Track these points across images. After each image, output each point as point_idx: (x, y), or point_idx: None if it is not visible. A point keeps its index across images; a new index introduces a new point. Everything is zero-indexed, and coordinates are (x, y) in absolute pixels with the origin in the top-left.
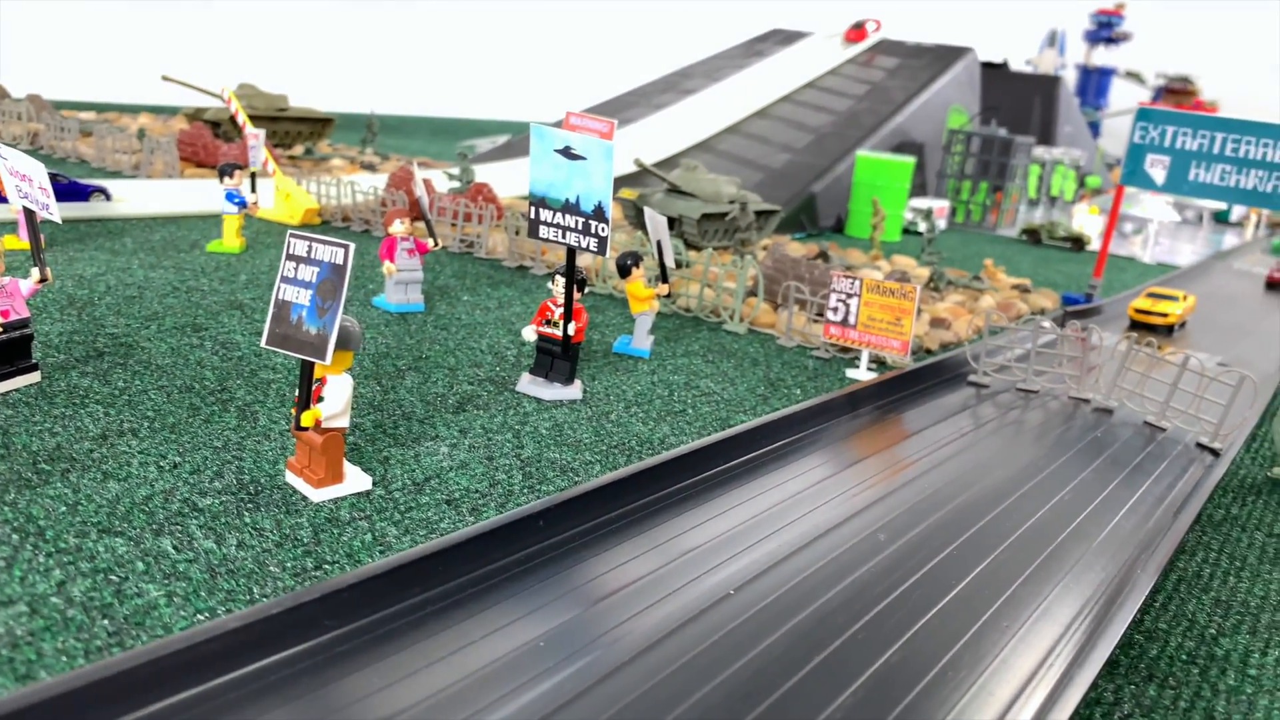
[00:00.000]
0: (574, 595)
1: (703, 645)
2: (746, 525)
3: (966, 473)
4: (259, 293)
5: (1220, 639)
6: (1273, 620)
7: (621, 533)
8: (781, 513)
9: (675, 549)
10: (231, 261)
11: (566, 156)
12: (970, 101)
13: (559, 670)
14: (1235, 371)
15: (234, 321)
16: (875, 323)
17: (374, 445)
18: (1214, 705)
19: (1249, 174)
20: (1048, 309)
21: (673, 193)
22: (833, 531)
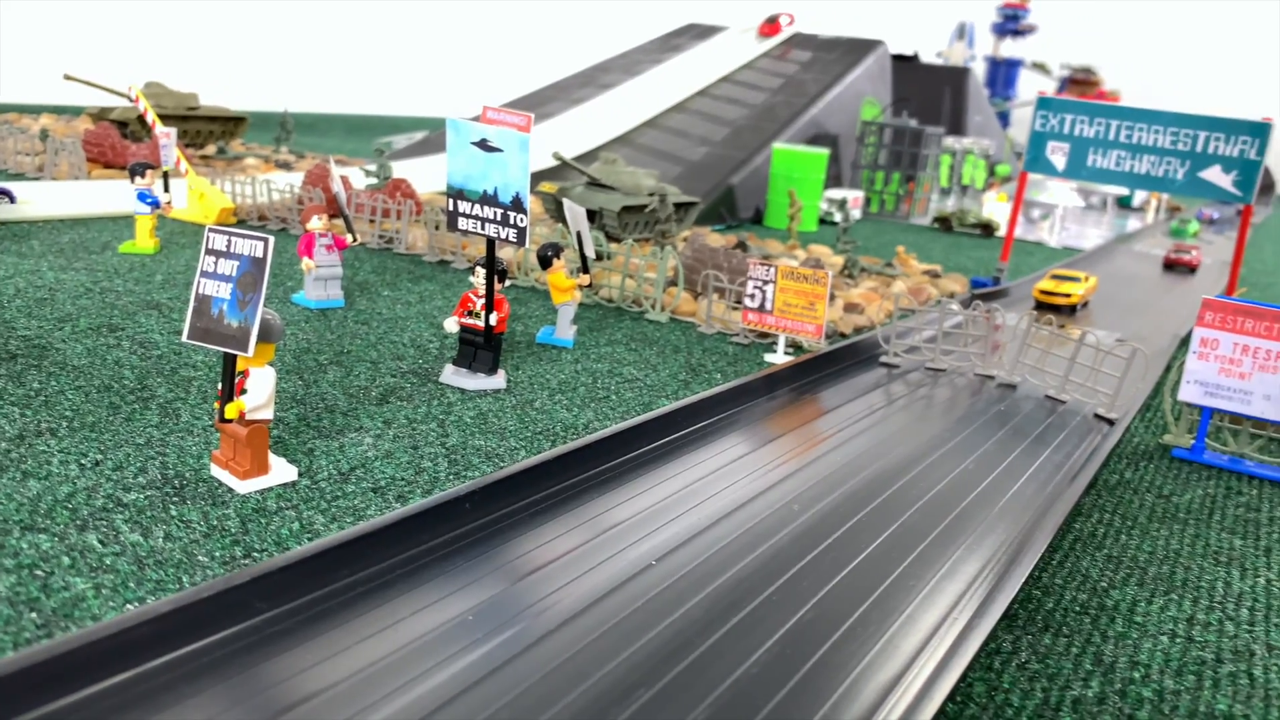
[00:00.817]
0: (502, 572)
1: (625, 612)
2: (668, 501)
3: (876, 446)
4: (176, 292)
5: (1111, 591)
6: (1159, 573)
7: (548, 512)
8: (701, 488)
9: (600, 525)
10: (146, 262)
11: (483, 149)
12: (882, 93)
13: (488, 640)
14: (1129, 346)
15: (151, 321)
16: (790, 308)
17: (298, 438)
18: (1103, 650)
19: (1142, 159)
20: (957, 292)
21: (593, 186)
22: (749, 504)
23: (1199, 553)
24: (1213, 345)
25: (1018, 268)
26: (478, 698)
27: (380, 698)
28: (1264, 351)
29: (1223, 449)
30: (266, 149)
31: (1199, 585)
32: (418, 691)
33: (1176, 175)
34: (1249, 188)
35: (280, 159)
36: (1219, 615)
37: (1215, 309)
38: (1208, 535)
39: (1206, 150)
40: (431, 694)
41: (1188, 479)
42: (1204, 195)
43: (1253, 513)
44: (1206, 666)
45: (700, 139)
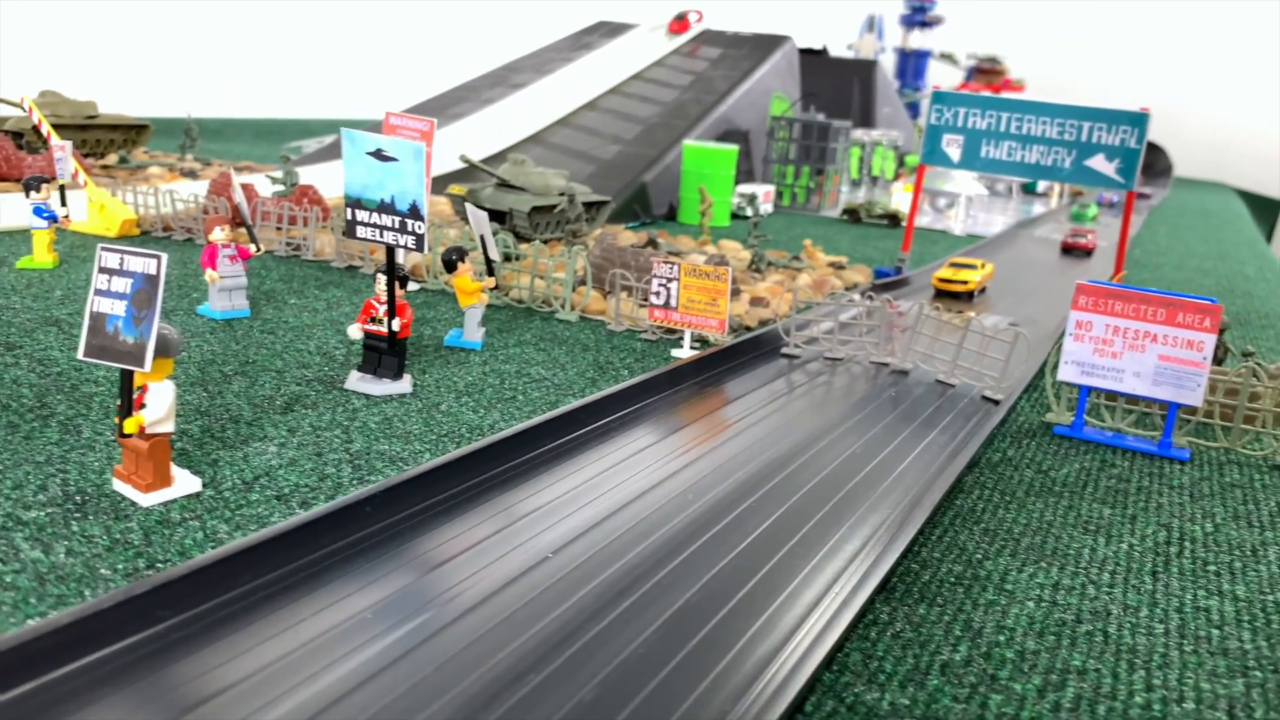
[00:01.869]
0: (404, 569)
1: (521, 603)
2: (569, 495)
3: (773, 433)
4: (76, 308)
5: (985, 562)
6: (1031, 543)
7: (450, 511)
8: (602, 481)
9: (501, 521)
10: (44, 278)
11: (378, 159)
12: (791, 88)
13: (387, 635)
14: (1012, 330)
15: (50, 338)
16: (694, 304)
17: (202, 449)
18: (972, 616)
19: (1032, 149)
20: (860, 283)
21: (502, 187)
22: (647, 494)
23: (1070, 523)
24: (1087, 327)
25: (921, 257)
26: (375, 689)
27: (281, 693)
28: (1133, 331)
29: (1100, 425)
30: (171, 157)
31: (1067, 553)
32: (318, 686)
33: (1064, 164)
34: (1130, 174)
35: (185, 167)
36: (1082, 580)
37: (1088, 293)
38: (1079, 506)
39: (1091, 140)
40: (330, 687)
41: (1066, 454)
42: (1090, 183)
43: (1123, 483)
44: (1066, 627)
45: (612, 137)
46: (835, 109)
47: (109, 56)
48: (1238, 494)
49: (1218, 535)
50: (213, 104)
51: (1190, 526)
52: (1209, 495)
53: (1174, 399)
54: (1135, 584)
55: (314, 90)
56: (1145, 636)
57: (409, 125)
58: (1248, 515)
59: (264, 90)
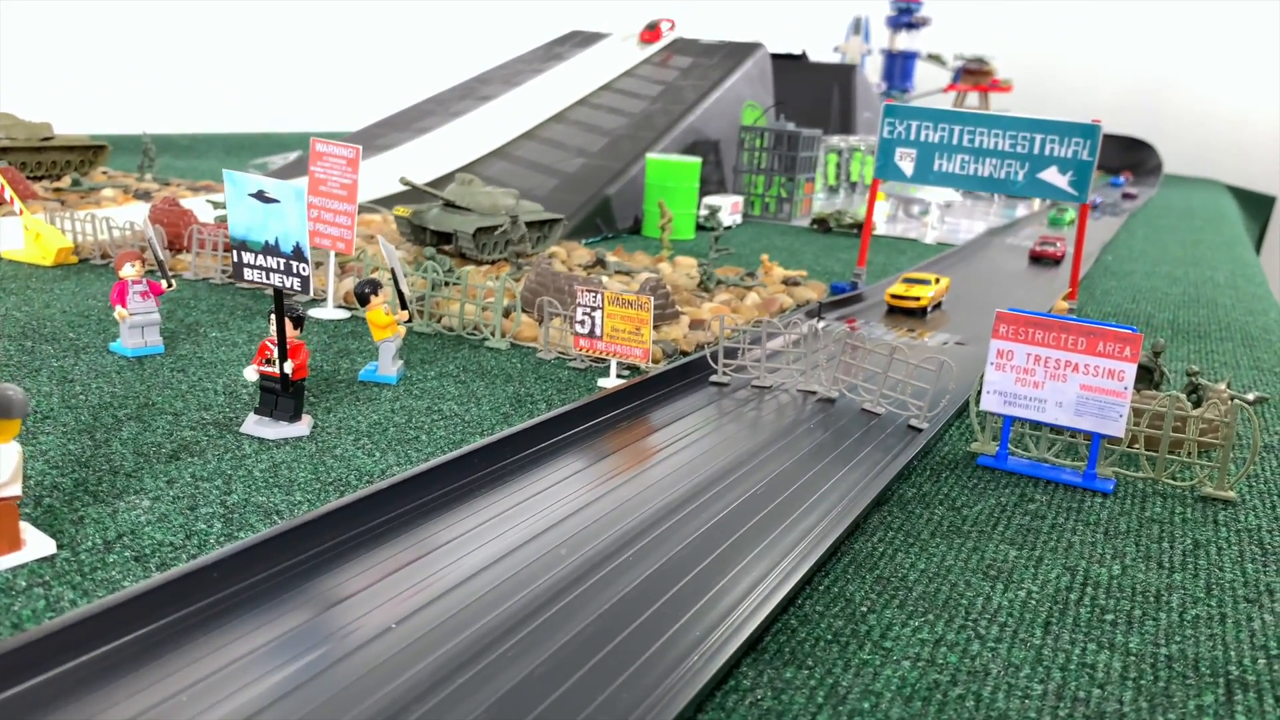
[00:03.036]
0: (241, 642)
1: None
2: (457, 540)
3: (684, 466)
4: None
5: (869, 615)
6: (925, 592)
7: (321, 567)
8: (494, 524)
9: (378, 572)
10: None
11: (260, 200)
12: (763, 96)
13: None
14: (937, 358)
15: None
16: (619, 333)
17: (71, 506)
18: (840, 680)
19: (985, 162)
20: (812, 300)
21: (449, 208)
22: (522, 548)
23: (971, 567)
24: (1008, 356)
25: (885, 268)
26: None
27: None
28: (1054, 361)
29: (1024, 454)
30: (130, 177)
31: (959, 603)
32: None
33: (1017, 177)
34: (1083, 187)
35: (140, 189)
36: (968, 634)
37: (1008, 321)
38: (985, 548)
39: (1043, 152)
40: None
41: (985, 488)
42: (1043, 195)
43: (1037, 521)
44: (938, 690)
45: (578, 150)
46: (814, 114)
47: (70, 74)
48: (1154, 530)
49: (1124, 579)
50: (181, 119)
51: (1096, 569)
52: (1124, 533)
53: (1096, 429)
54: (1024, 637)
55: (286, 103)
56: (1020, 700)
57: (335, 152)
58: (1159, 555)
59: (235, 104)
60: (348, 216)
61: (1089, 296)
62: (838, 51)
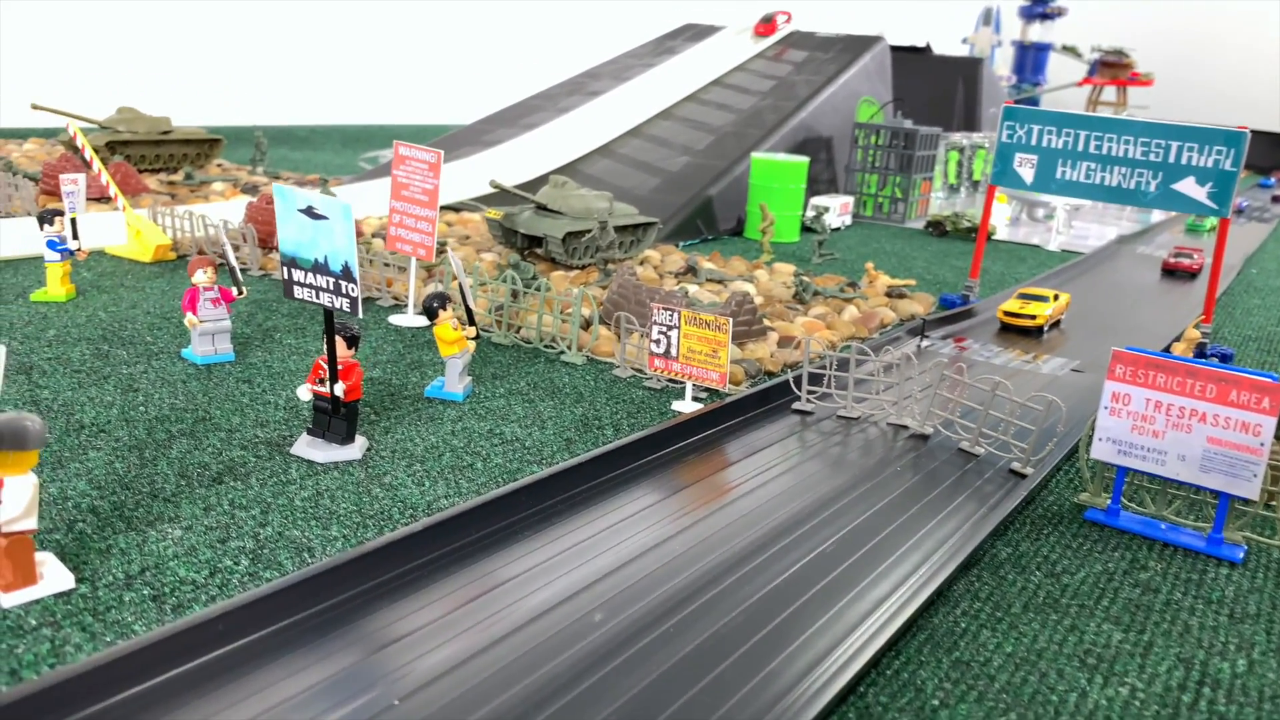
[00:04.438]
0: (247, 704)
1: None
2: (462, 611)
3: (756, 510)
4: (63, 350)
5: (941, 710)
6: (1009, 683)
7: (316, 631)
8: (516, 587)
9: (371, 644)
10: (49, 313)
11: (310, 216)
12: (882, 91)
13: None
14: (1044, 396)
15: (13, 390)
16: (695, 354)
17: (102, 533)
18: None
19: (1113, 171)
20: (919, 314)
21: (540, 211)
22: (558, 607)
23: (1067, 653)
24: (1124, 400)
25: (1002, 279)
26: None
27: None
28: (1178, 409)
29: (1140, 511)
30: (243, 169)
31: (1049, 699)
32: None
33: (1149, 187)
34: (1225, 199)
35: (249, 182)
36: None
37: (1126, 361)
38: (1085, 628)
39: (1179, 161)
40: None
41: (1090, 550)
42: (1178, 208)
43: (1148, 595)
44: None
45: (682, 148)
46: (936, 110)
47: (192, 68)
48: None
49: (1249, 678)
50: (300, 111)
51: (1217, 663)
52: (1254, 616)
53: (1225, 489)
54: None
55: (402, 96)
56: None
57: (418, 156)
58: None
59: (353, 96)
60: (429, 222)
61: (1227, 317)
62: (966, 43)
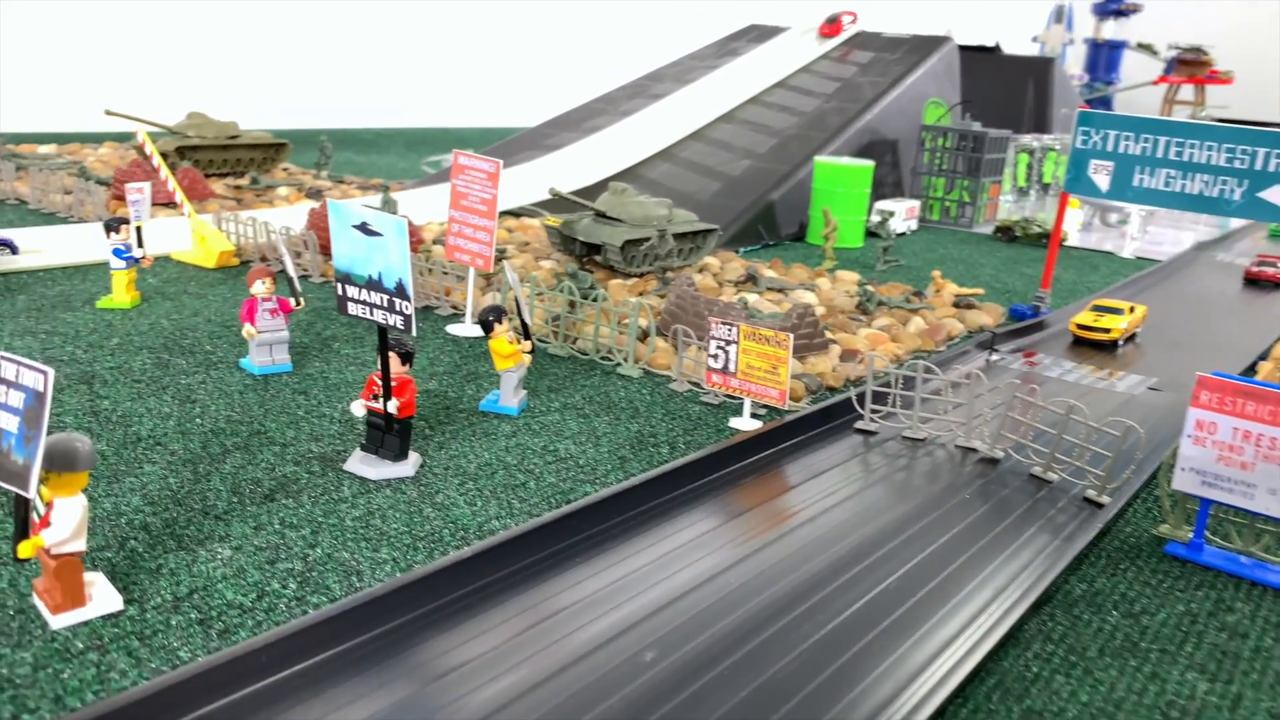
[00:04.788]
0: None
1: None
2: (507, 646)
3: (811, 544)
4: (125, 359)
5: None
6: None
7: (362, 662)
8: (556, 626)
9: (418, 677)
10: (114, 321)
11: (364, 233)
12: (950, 93)
13: None
14: (1121, 421)
15: (73, 400)
16: (754, 371)
17: (153, 552)
18: None
19: (1194, 179)
20: (988, 326)
21: (600, 218)
22: (601, 650)
23: (1147, 703)
24: (1210, 429)
25: (1074, 288)
26: None
27: None
28: (1269, 439)
29: (1226, 546)
30: (308, 173)
31: None
32: None
33: (1233, 196)
34: None
35: (313, 187)
36: None
37: (1211, 388)
38: (1167, 675)
39: (1267, 168)
40: None
41: (1172, 587)
42: (1264, 217)
43: (1236, 640)
44: None
45: (744, 151)
46: (1005, 111)
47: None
48: None
49: None
50: (366, 114)
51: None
52: None
53: None
54: None
55: (467, 99)
56: None
57: (477, 165)
58: None
59: (417, 100)
60: (487, 232)
61: None
62: (1036, 42)
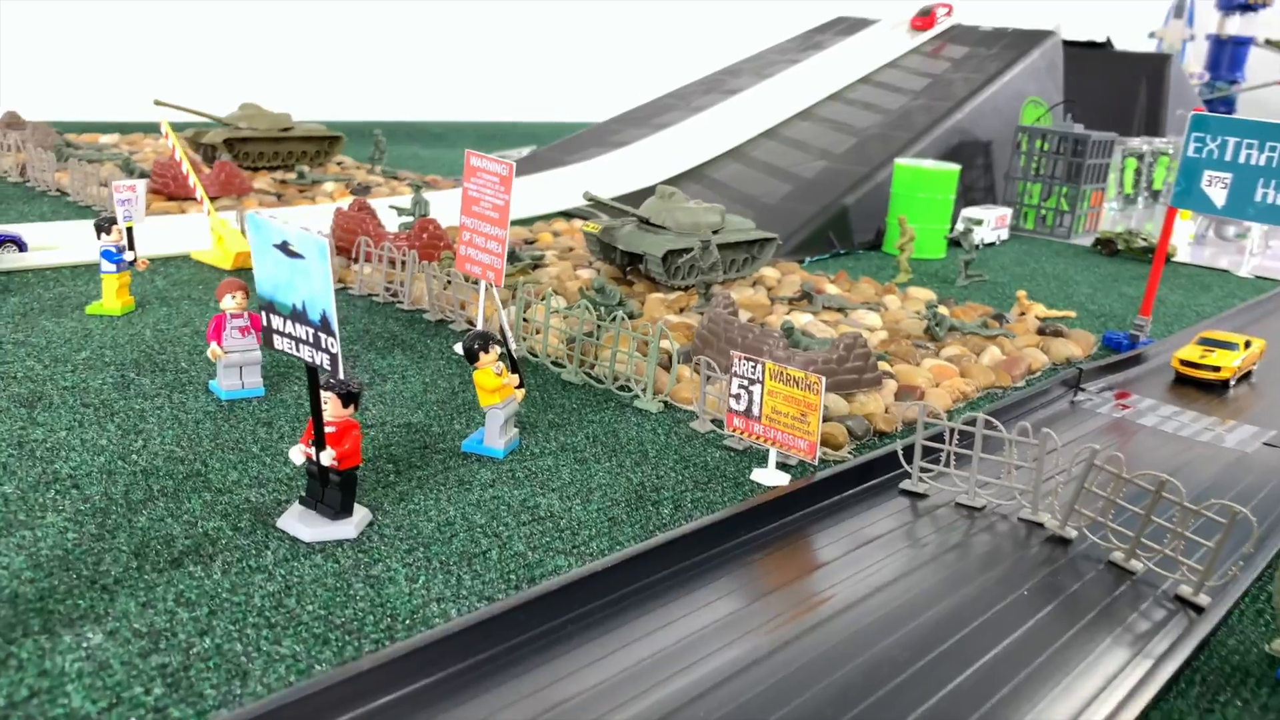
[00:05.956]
0: None
1: None
2: None
3: (832, 648)
4: (83, 378)
5: None
6: None
7: None
8: None
9: None
10: (94, 330)
11: (285, 253)
12: (1051, 92)
13: None
14: (1227, 506)
15: (3, 426)
16: (780, 416)
17: (10, 633)
18: None
19: None
20: (1075, 358)
21: (643, 225)
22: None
23: None
24: None
25: (1181, 313)
26: None
27: None
28: None
29: None
30: (362, 169)
31: None
32: None
33: None
34: None
35: (364, 182)
36: None
37: None
38: None
39: None
40: None
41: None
42: None
43: None
44: None
45: (820, 151)
46: (1114, 112)
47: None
48: None
49: None
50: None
51: None
52: None
53: None
54: None
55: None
56: None
57: (488, 168)
58: None
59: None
60: (498, 242)
61: None
62: (1153, 38)
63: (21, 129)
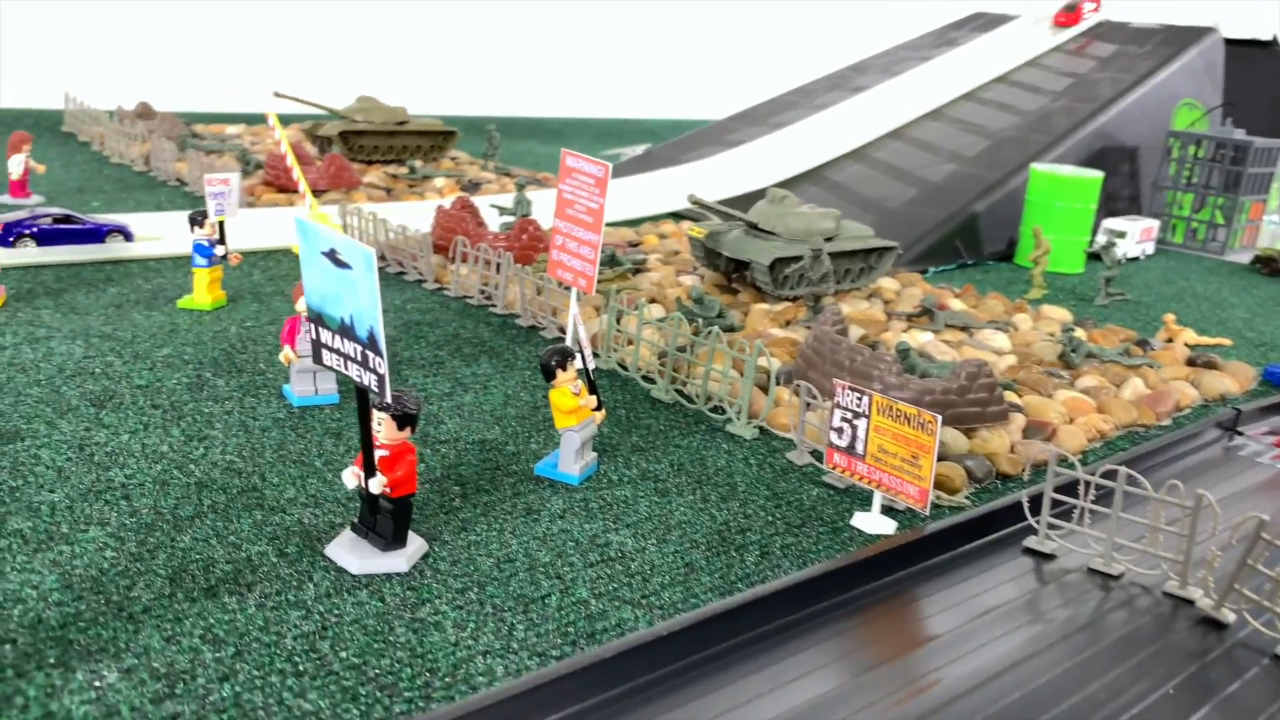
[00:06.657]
0: None
1: None
2: None
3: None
4: (159, 377)
5: None
6: None
7: None
8: None
9: None
10: (181, 325)
11: (334, 263)
12: (1209, 94)
13: None
14: None
15: (69, 427)
16: (888, 456)
17: (21, 665)
18: None
19: None
20: (1232, 394)
21: (751, 231)
22: None
23: None
24: None
25: None
26: None
27: None
28: None
29: None
30: (476, 163)
31: None
32: None
33: None
34: None
35: (475, 178)
36: None
37: None
38: None
39: None
40: None
41: None
42: None
43: None
44: None
45: (950, 154)
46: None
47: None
48: None
49: None
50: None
51: None
52: None
53: None
54: None
55: (663, 90)
56: None
57: (584, 169)
58: None
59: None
60: (591, 248)
61: None
62: None
63: (151, 119)
